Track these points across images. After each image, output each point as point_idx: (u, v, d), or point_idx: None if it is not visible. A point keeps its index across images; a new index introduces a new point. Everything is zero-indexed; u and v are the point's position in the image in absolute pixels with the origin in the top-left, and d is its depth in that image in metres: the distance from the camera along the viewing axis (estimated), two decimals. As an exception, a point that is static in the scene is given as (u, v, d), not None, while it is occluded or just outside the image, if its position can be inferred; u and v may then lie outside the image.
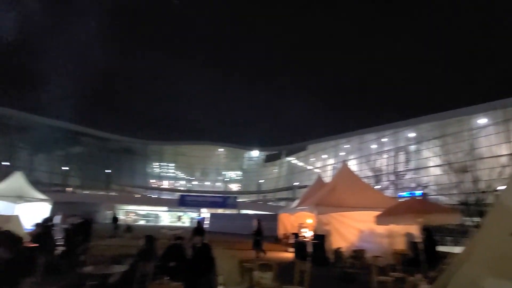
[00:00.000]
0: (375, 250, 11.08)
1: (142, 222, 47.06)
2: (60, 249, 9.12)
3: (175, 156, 72.74)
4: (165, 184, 72.97)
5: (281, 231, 18.98)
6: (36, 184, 24.56)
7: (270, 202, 58.15)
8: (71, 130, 54.97)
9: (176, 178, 74.94)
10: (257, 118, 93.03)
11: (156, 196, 61.75)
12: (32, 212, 15.83)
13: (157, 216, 50.63)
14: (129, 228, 22.95)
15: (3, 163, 41.23)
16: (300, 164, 63.13)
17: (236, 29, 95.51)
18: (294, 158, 64.41)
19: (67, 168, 53.99)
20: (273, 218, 20.59)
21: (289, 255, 13.70)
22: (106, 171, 57.81)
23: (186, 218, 49.60)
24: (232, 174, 76.88)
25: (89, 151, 60.13)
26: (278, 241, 18.27)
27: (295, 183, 56.51)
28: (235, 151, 74.30)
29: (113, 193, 55.80)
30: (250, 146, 71.68)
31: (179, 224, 45.45)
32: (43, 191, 21.08)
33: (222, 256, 6.97)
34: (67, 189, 51.39)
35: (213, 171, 75.44)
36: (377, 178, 37.50)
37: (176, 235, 7.20)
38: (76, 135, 56.31)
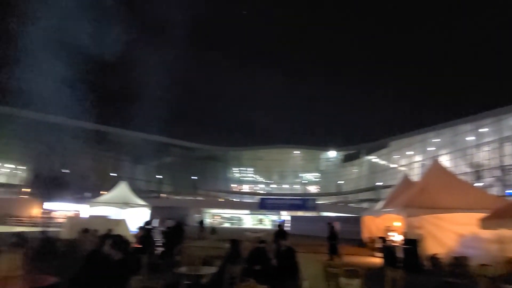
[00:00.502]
0: (482, 257, 9.65)
1: (227, 225, 49.63)
2: (159, 250, 10.20)
3: (254, 161, 75.11)
4: (245, 188, 75.82)
5: (365, 235, 17.97)
6: (137, 191, 28.08)
7: (352, 204, 55.59)
8: (163, 143, 61.98)
9: (255, 182, 77.26)
10: (333, 117, 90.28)
11: (238, 200, 64.55)
12: (135, 216, 18.11)
13: (240, 219, 52.82)
14: (214, 230, 24.45)
15: (111, 174, 48.13)
16: (382, 162, 58.97)
17: (306, 28, 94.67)
18: (375, 157, 60.48)
19: (160, 176, 60.41)
20: (356, 221, 19.63)
21: (376, 260, 12.87)
22: (192, 177, 62.86)
23: (267, 221, 50.62)
24: (310, 176, 75.88)
25: (178, 160, 66.52)
26: (364, 245, 17.33)
27: (378, 183, 52.98)
28: (311, 153, 73.23)
29: (200, 198, 60.32)
30: (326, 146, 69.92)
31: (261, 226, 46.62)
32: (142, 198, 23.98)
33: (306, 260, 6.89)
34: (162, 195, 57.40)
35: (291, 173, 75.59)
36: (478, 174, 32.87)
37: (259, 238, 7.39)
38: (166, 146, 63.25)
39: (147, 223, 15.06)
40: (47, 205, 28.59)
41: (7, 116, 46.36)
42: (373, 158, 61.27)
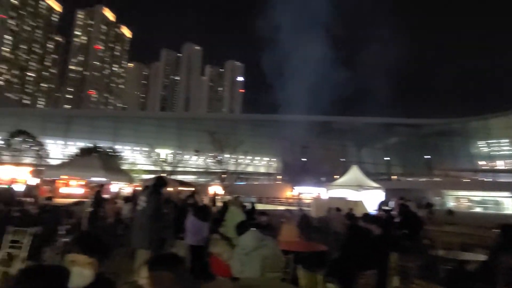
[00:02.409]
0: None
1: (478, 209, 41.36)
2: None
3: (508, 130, 58.39)
4: (500, 164, 60.13)
5: None
6: (366, 174, 28.73)
7: None
8: (386, 123, 60.32)
9: (515, 156, 59.86)
10: None
11: (490, 180, 52.33)
12: (370, 198, 18.68)
13: (497, 203, 42.55)
14: (450, 212, 21.18)
15: (340, 160, 51.84)
16: None
17: None
18: None
19: (388, 158, 58.84)
20: None
21: None
22: (425, 156, 57.07)
23: (543, 206, 37.97)
24: None
25: (404, 139, 62.69)
26: None
27: None
28: None
29: (437, 179, 53.66)
30: None
31: (533, 213, 35.55)
32: (373, 180, 24.28)
33: None
34: (392, 177, 55.73)
35: None
36: None
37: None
38: (390, 127, 60.99)
39: (382, 203, 15.17)
40: (296, 189, 34.71)
41: (261, 121, 60.09)
42: None
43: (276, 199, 34.57)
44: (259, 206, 25.10)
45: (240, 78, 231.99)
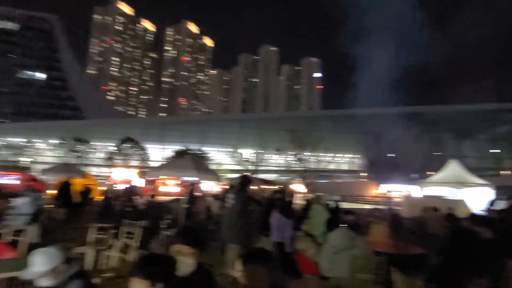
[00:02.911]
0: None
1: None
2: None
3: None
4: None
5: None
6: (468, 170, 25.03)
7: None
8: (493, 110, 51.82)
9: None
10: None
11: None
12: (475, 197, 16.25)
13: None
14: None
15: (435, 153, 46.46)
16: None
17: None
18: None
19: (497, 150, 50.43)
20: None
21: None
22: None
23: None
24: None
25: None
26: None
27: None
28: None
29: None
30: None
31: None
32: (478, 176, 21.04)
33: None
34: (502, 172, 47.57)
35: None
36: None
37: None
38: (499, 114, 52.06)
39: (490, 203, 13.11)
40: (383, 186, 32.38)
41: (341, 116, 57.90)
42: None
43: (361, 197, 32.79)
44: (343, 205, 24.19)
45: (317, 74, 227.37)
